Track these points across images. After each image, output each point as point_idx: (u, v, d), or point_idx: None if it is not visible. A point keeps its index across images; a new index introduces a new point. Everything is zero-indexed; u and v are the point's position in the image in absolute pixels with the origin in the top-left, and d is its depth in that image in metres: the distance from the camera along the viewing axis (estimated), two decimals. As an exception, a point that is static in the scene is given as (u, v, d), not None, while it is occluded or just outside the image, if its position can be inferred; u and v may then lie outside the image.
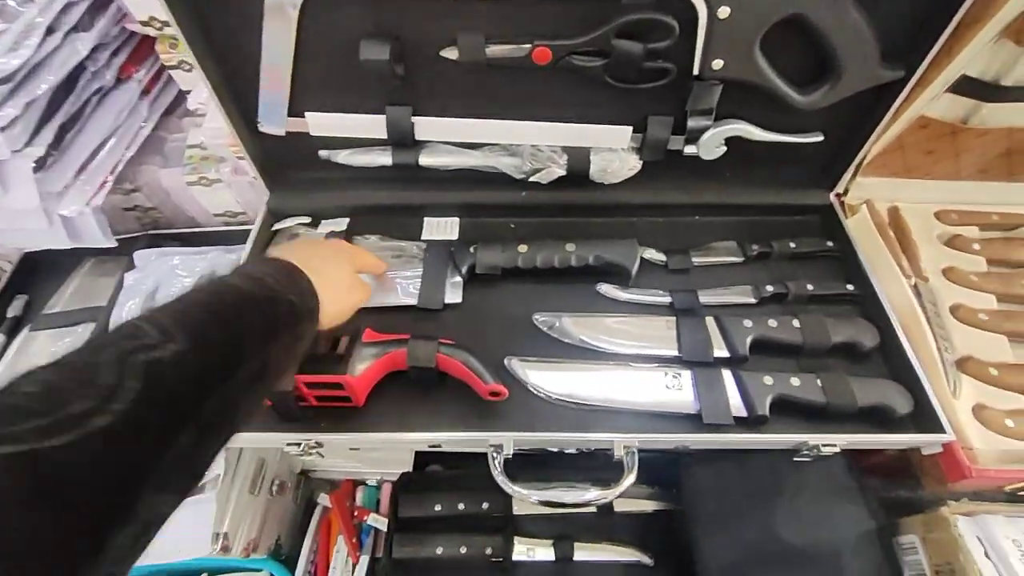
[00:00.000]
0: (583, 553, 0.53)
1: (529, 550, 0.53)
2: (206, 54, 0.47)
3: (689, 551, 0.49)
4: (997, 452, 0.43)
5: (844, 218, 0.56)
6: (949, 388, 0.46)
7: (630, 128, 0.52)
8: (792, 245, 0.55)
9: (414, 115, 0.52)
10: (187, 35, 0.45)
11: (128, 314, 0.65)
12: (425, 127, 0.53)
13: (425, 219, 0.59)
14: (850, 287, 0.51)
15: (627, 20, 0.43)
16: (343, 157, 0.55)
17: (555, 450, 0.47)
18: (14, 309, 0.72)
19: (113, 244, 0.66)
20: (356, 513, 0.69)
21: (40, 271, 0.77)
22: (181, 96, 0.76)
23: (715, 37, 0.44)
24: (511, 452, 0.41)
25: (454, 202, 0.59)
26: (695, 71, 0.46)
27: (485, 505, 0.55)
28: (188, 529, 0.35)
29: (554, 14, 0.44)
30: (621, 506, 0.56)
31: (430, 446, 0.45)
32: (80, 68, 0.59)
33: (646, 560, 0.53)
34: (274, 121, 0.52)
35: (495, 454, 0.41)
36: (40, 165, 0.56)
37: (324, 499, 0.72)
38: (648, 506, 0.56)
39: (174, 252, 0.70)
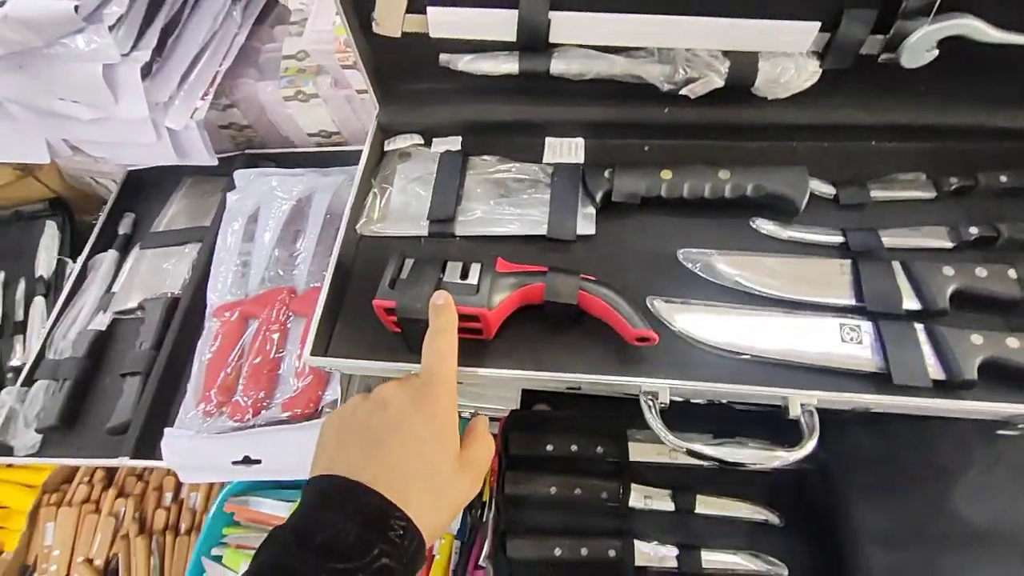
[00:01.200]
0: (704, 506, 0.50)
1: (647, 498, 0.51)
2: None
3: (830, 515, 0.45)
4: None
5: (1077, 146, 0.45)
6: None
7: (817, 24, 0.42)
8: (1003, 179, 0.45)
9: (552, 9, 0.44)
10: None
11: (233, 235, 0.64)
12: (563, 25, 0.45)
13: (547, 139, 0.53)
14: (1081, 233, 0.42)
15: None
16: (464, 63, 0.48)
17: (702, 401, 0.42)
18: (124, 227, 0.73)
19: (215, 162, 0.64)
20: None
21: (143, 189, 0.77)
22: (271, 3, 0.70)
23: None
24: (667, 401, 0.37)
25: (581, 119, 0.51)
26: (929, -58, 0.36)
27: (599, 449, 0.53)
28: (307, 449, 0.37)
29: None
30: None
31: (568, 388, 0.41)
32: (176, -37, 0.54)
33: (774, 519, 0.49)
34: (391, 18, 0.46)
35: (650, 401, 0.37)
36: (146, 72, 0.53)
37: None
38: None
39: (272, 173, 0.67)
